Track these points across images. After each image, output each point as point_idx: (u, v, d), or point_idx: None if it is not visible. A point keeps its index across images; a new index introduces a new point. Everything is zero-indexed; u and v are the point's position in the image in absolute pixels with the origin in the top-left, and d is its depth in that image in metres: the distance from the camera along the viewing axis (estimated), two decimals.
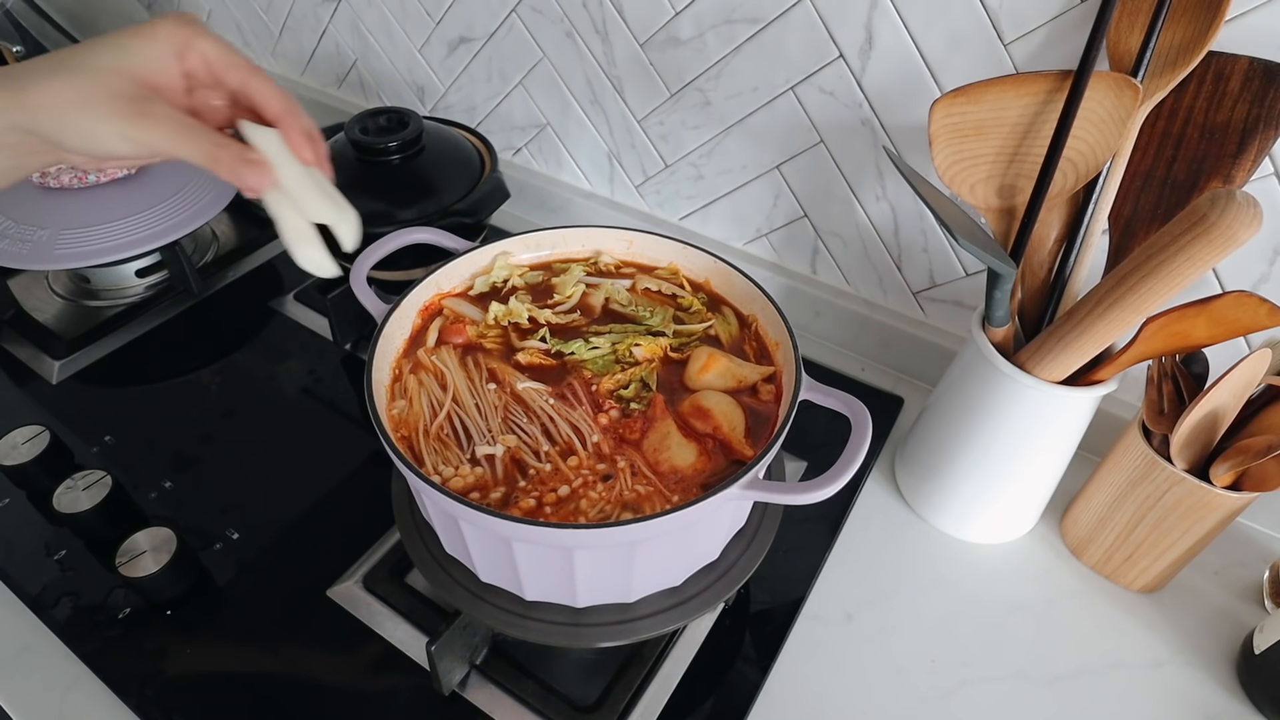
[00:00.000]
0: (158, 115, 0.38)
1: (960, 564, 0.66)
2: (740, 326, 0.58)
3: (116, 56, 0.38)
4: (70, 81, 0.36)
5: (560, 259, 0.63)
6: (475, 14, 0.87)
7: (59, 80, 0.36)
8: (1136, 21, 0.52)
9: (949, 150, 0.55)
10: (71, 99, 0.36)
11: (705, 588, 0.51)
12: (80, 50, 0.38)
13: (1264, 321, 0.46)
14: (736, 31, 0.71)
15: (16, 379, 0.78)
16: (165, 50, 0.39)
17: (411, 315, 0.56)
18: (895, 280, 0.78)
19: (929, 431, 0.67)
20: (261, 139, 0.41)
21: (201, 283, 0.88)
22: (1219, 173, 0.52)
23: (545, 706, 0.54)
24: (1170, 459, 0.57)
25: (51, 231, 0.79)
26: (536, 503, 0.46)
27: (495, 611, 0.49)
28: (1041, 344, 0.55)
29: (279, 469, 0.70)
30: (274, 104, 0.42)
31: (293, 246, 0.43)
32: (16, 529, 0.65)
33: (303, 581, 0.61)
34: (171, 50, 0.40)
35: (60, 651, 0.57)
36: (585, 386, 0.53)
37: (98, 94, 0.37)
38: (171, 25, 0.40)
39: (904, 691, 0.57)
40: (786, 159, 0.76)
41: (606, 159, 0.90)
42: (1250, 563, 0.66)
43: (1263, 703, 0.57)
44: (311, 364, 0.81)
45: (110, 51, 0.38)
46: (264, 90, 0.42)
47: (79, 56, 0.37)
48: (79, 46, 0.38)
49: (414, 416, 0.50)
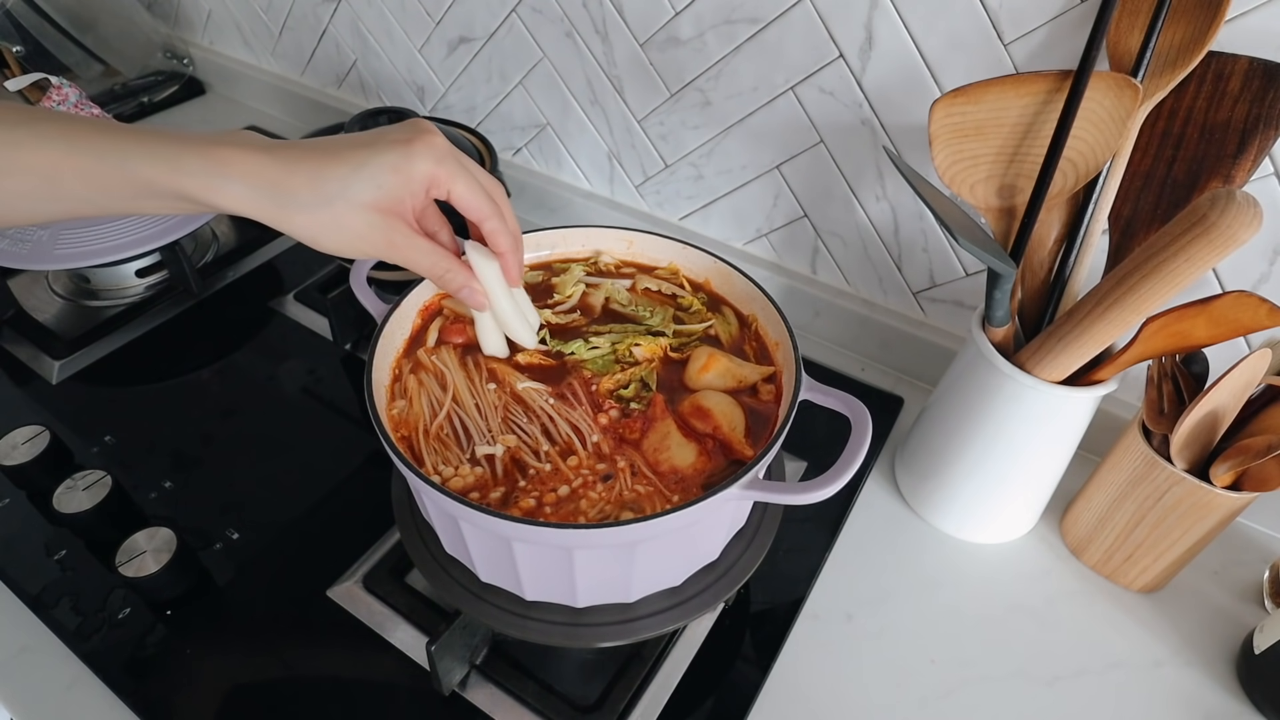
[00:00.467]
0: (399, 245, 0.44)
1: (960, 564, 0.66)
2: (740, 326, 0.58)
3: (374, 194, 0.42)
4: (332, 215, 0.42)
5: (560, 259, 0.63)
6: (475, 14, 0.87)
7: (320, 214, 0.42)
8: (1136, 21, 0.52)
9: (949, 150, 0.55)
10: (329, 228, 0.42)
11: (705, 588, 0.51)
12: (337, 176, 0.42)
13: (1264, 321, 0.46)
14: (736, 31, 0.71)
15: (16, 379, 0.78)
16: (419, 190, 0.44)
17: (411, 315, 0.56)
18: (895, 280, 0.78)
19: (929, 431, 0.67)
20: (483, 267, 0.49)
21: (201, 283, 0.88)
22: (1219, 173, 0.52)
23: (545, 706, 0.54)
24: (1170, 459, 0.57)
25: (51, 231, 0.79)
26: (536, 503, 0.46)
27: (495, 611, 0.49)
28: (1041, 344, 0.55)
29: (279, 469, 0.70)
30: (502, 242, 0.48)
31: (482, 340, 0.54)
32: (16, 529, 0.65)
33: (303, 581, 0.61)
34: (423, 190, 0.44)
35: (60, 651, 0.57)
36: (585, 386, 0.53)
37: (353, 227, 0.42)
38: (429, 166, 0.43)
39: (904, 691, 0.57)
40: (786, 159, 0.76)
41: (606, 159, 0.90)
42: (1250, 563, 0.66)
43: (1263, 703, 0.57)
44: (311, 364, 0.81)
45: (368, 188, 0.42)
46: (497, 233, 0.48)
47: (336, 186, 0.42)
48: (335, 164, 0.42)
49: (414, 416, 0.50)
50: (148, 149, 0.40)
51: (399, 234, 0.44)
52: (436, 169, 0.44)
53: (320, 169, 0.41)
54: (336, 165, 0.42)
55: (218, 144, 0.40)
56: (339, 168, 0.42)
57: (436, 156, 0.43)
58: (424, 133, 0.44)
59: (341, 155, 0.42)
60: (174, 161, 0.40)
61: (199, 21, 1.23)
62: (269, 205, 0.41)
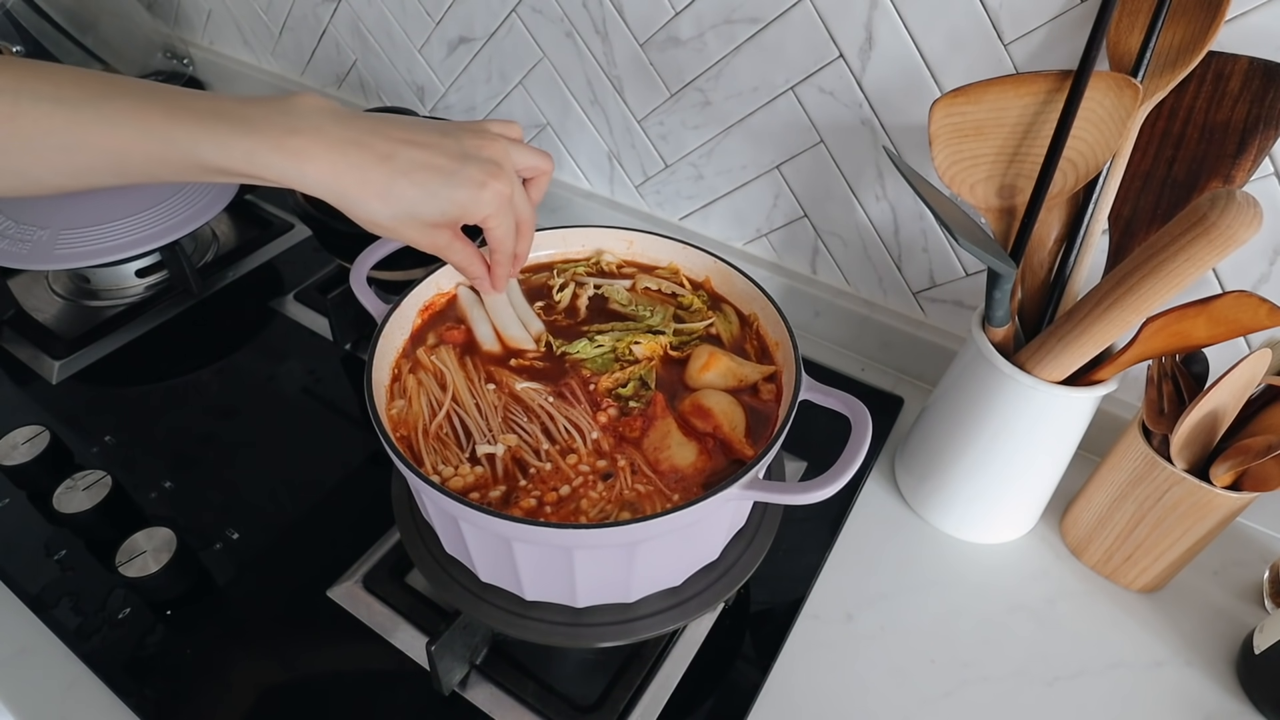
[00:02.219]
0: (442, 246, 0.48)
1: (960, 564, 0.66)
2: (741, 325, 0.58)
3: (438, 219, 0.45)
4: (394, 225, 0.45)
5: (560, 259, 0.63)
6: (475, 14, 0.87)
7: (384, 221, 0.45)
8: (1136, 21, 0.52)
9: (949, 150, 0.55)
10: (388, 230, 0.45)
11: (705, 588, 0.51)
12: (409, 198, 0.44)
13: (1264, 321, 0.46)
14: (736, 31, 0.71)
15: (16, 379, 0.78)
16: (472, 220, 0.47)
17: (411, 315, 0.56)
18: (895, 280, 0.78)
19: (929, 431, 0.67)
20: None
21: (201, 283, 0.88)
22: (1219, 173, 0.52)
23: (545, 706, 0.54)
24: (1170, 459, 0.57)
25: (51, 231, 0.79)
26: (537, 502, 0.46)
27: (495, 611, 0.50)
28: (1041, 344, 0.55)
29: (279, 469, 0.70)
30: (495, 269, 0.52)
31: (479, 335, 0.56)
32: (16, 529, 0.65)
33: (303, 581, 0.61)
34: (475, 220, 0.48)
35: (60, 651, 0.57)
36: (583, 385, 0.53)
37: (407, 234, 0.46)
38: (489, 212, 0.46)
39: (904, 691, 0.57)
40: (786, 159, 0.76)
41: (606, 159, 0.90)
42: (1250, 563, 0.66)
43: (1263, 703, 0.57)
44: (311, 364, 0.81)
45: (434, 213, 0.45)
46: (497, 264, 0.52)
47: (405, 206, 0.44)
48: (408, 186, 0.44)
49: (413, 416, 0.50)
50: (219, 140, 0.40)
51: (443, 238, 0.48)
52: (492, 213, 0.46)
53: (391, 187, 0.43)
54: (409, 188, 0.43)
55: (292, 133, 0.41)
56: (411, 191, 0.43)
57: (498, 204, 0.46)
58: (497, 178, 0.45)
59: (417, 176, 0.43)
60: (249, 155, 0.41)
61: (199, 21, 1.23)
62: (339, 200, 0.43)
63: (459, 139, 0.45)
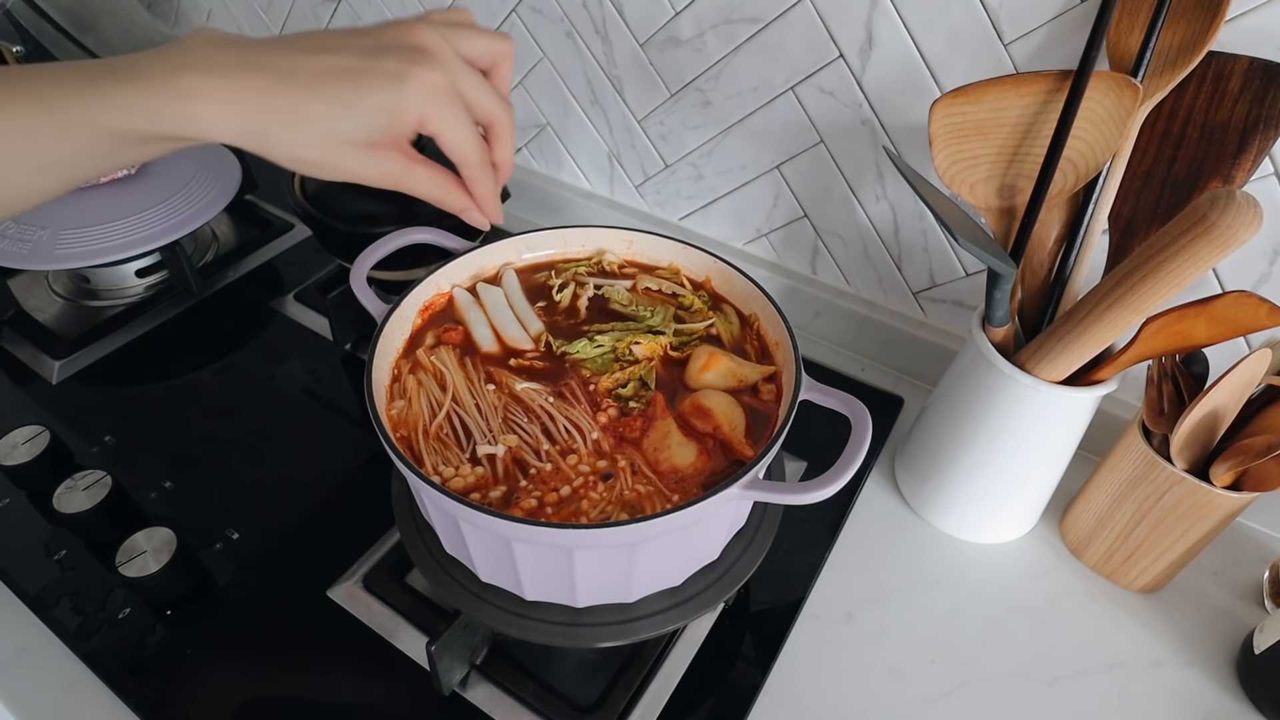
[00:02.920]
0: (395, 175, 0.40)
1: (960, 564, 0.66)
2: (741, 325, 0.58)
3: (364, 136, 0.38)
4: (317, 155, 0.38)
5: (560, 259, 0.63)
6: (475, 14, 0.87)
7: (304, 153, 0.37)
8: (1136, 21, 0.52)
9: (949, 150, 0.55)
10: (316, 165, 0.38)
11: (705, 588, 0.51)
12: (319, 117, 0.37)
13: (1264, 321, 0.46)
14: (736, 31, 0.71)
15: (16, 379, 0.78)
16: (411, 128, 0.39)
17: (411, 315, 0.56)
18: (895, 280, 0.78)
19: (929, 432, 0.67)
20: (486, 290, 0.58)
21: (201, 283, 0.88)
22: (1219, 173, 0.52)
23: (545, 706, 0.54)
24: (1170, 459, 0.57)
25: (51, 231, 0.79)
26: (538, 503, 0.46)
27: (495, 611, 0.49)
28: (1041, 344, 0.55)
29: (279, 469, 0.70)
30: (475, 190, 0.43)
31: (477, 336, 0.56)
32: (16, 529, 0.65)
33: (303, 582, 0.61)
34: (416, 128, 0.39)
35: (60, 651, 0.57)
36: (583, 386, 0.53)
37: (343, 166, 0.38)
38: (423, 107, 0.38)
39: (904, 691, 0.57)
40: (786, 159, 0.76)
41: (606, 159, 0.90)
42: (1250, 563, 0.66)
43: (1263, 703, 0.57)
44: (311, 364, 0.81)
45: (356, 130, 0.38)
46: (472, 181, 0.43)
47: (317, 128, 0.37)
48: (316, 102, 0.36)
49: (413, 416, 0.50)
50: (110, 98, 0.35)
51: (393, 164, 0.39)
52: (430, 110, 0.38)
53: (298, 107, 0.36)
54: (317, 103, 0.36)
55: (177, 70, 0.35)
56: (320, 106, 0.36)
57: (431, 96, 0.37)
58: (421, 64, 0.37)
59: (322, 89, 0.36)
60: (140, 106, 0.35)
61: (199, 21, 1.23)
62: (246, 141, 0.37)
63: (375, 35, 0.38)
